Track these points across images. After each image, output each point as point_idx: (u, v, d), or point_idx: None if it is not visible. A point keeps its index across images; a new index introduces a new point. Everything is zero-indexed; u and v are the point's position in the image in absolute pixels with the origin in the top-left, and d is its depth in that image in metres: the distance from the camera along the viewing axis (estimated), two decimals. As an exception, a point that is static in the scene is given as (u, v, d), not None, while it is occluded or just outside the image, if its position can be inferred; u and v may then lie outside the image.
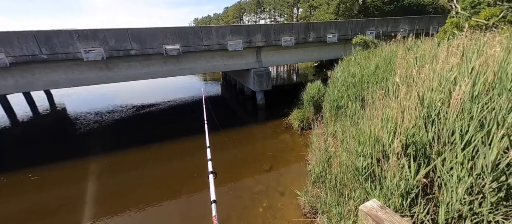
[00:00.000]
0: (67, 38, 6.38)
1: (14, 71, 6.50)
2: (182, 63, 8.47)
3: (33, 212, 4.49)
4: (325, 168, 3.96)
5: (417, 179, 2.10)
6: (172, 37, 7.52)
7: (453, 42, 4.20)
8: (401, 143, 2.32)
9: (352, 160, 2.98)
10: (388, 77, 4.15)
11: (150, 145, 7.03)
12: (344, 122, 4.73)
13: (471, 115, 2.04)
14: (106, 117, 10.16)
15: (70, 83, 7.27)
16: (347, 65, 7.22)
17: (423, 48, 5.18)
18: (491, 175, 1.72)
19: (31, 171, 5.75)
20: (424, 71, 2.84)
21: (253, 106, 10.61)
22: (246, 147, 6.80)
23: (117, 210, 4.37)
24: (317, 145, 4.94)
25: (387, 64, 4.99)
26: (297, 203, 4.13)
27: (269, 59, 10.07)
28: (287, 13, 43.84)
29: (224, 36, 8.30)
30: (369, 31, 11.21)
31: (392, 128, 2.61)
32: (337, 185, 3.32)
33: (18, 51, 6.06)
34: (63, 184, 5.38)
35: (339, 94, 5.88)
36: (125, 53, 7.08)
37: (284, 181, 4.87)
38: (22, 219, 4.34)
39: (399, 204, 2.24)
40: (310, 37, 9.95)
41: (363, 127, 2.99)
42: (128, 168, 5.87)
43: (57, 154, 6.75)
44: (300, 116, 7.39)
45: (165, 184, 5.12)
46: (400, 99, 2.71)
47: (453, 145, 2.03)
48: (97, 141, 7.81)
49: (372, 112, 3.32)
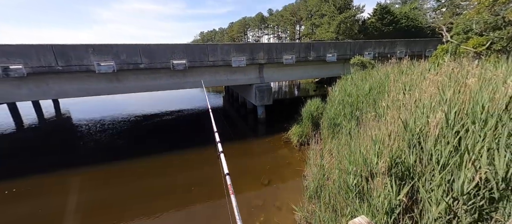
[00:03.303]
0: (83, 51, 6.84)
1: (29, 81, 6.90)
2: (187, 77, 8.87)
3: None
4: (320, 184, 4.13)
5: (399, 198, 2.29)
6: (180, 53, 7.98)
7: (442, 68, 4.52)
8: (386, 164, 2.54)
9: (343, 178, 3.18)
10: (380, 99, 4.43)
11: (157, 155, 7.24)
12: (340, 140, 4.95)
13: (447, 140, 2.28)
14: (110, 125, 10.45)
15: (80, 93, 7.64)
16: (345, 84, 7.55)
17: (416, 71, 5.51)
18: (462, 198, 1.92)
19: (30, 179, 5.95)
20: (409, 97, 3.12)
21: (254, 119, 10.88)
22: (245, 160, 6.97)
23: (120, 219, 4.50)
24: (314, 161, 5.13)
25: (380, 86, 5.29)
26: (293, 218, 4.25)
27: (271, 75, 10.48)
28: (290, 30, 45.43)
29: (229, 53, 8.77)
30: (367, 52, 11.70)
31: (379, 150, 2.84)
32: (331, 201, 3.48)
33: (36, 62, 6.49)
34: (70, 192, 5.54)
35: (336, 112, 6.15)
36: (134, 66, 7.51)
37: (282, 195, 5.00)
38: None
39: (385, 221, 2.42)
40: (311, 56, 10.42)
41: (354, 147, 3.22)
42: (129, 180, 6.05)
43: (58, 163, 6.96)
44: (299, 131, 7.61)
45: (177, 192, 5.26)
46: (387, 123, 2.96)
47: (432, 168, 2.25)
48: (101, 150, 8.04)
49: (364, 133, 3.57)
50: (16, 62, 6.30)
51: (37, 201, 5.16)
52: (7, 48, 6.25)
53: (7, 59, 6.21)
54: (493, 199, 1.98)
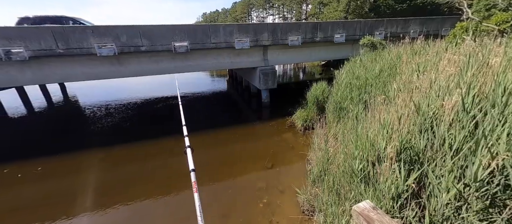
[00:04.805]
0: (82, 33, 6.68)
1: (32, 65, 6.88)
2: (190, 60, 8.68)
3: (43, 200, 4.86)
4: (324, 169, 4.09)
5: (408, 183, 2.21)
6: (181, 35, 7.72)
7: (461, 47, 4.20)
8: (395, 149, 2.43)
9: (349, 162, 3.11)
10: (391, 82, 4.20)
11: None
12: (346, 124, 4.83)
13: (462, 125, 2.12)
14: (116, 109, 10.58)
15: (83, 76, 7.62)
16: (353, 67, 7.23)
17: (431, 51, 5.16)
18: (475, 185, 1.82)
19: (41, 161, 6.17)
20: (424, 78, 2.91)
21: (258, 104, 10.77)
22: (249, 144, 6.99)
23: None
24: (318, 145, 5.06)
25: (391, 68, 5.01)
26: (296, 201, 4.30)
27: (276, 58, 10.14)
28: (296, 10, 43.30)
29: (232, 35, 8.43)
30: (378, 31, 11.05)
31: (388, 134, 2.72)
32: (335, 186, 3.46)
33: (36, 45, 6.41)
34: (74, 173, 5.75)
35: (342, 95, 5.95)
36: (135, 49, 7.35)
37: (285, 179, 5.03)
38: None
39: (390, 206, 2.37)
40: (317, 37, 9.93)
41: (361, 131, 3.10)
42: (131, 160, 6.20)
43: (67, 146, 7.16)
44: (304, 116, 7.49)
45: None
46: (397, 106, 2.80)
47: (444, 153, 2.13)
48: (109, 132, 8.21)
49: (372, 117, 3.42)
50: (17, 45, 6.24)
51: (47, 182, 5.39)
52: (7, 31, 6.16)
53: (8, 42, 6.15)
54: (508, 186, 1.88)
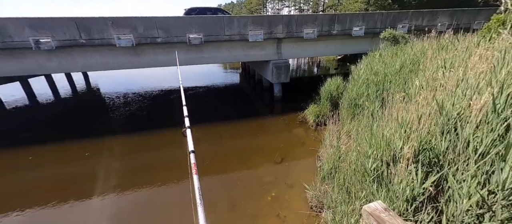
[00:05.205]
0: (102, 24, 6.96)
1: (58, 54, 7.32)
2: (204, 52, 8.75)
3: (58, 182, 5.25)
4: (335, 166, 4.00)
5: (425, 186, 2.09)
6: (196, 26, 7.78)
7: (496, 42, 3.81)
8: (413, 149, 2.30)
9: (361, 161, 3.00)
10: (412, 79, 3.94)
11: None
12: (360, 122, 4.65)
13: (491, 127, 1.94)
14: (133, 98, 11.05)
15: (103, 66, 7.99)
16: (371, 62, 6.88)
17: (460, 46, 4.75)
18: (502, 193, 1.67)
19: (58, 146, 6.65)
20: (450, 75, 2.69)
21: (270, 97, 10.69)
22: (259, 137, 7.00)
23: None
24: (330, 142, 4.95)
25: (414, 64, 4.69)
26: (304, 196, 4.27)
27: (290, 51, 9.91)
28: (313, 1, 41.76)
29: (246, 27, 8.34)
30: (401, 24, 10.36)
31: (406, 133, 2.57)
32: (345, 184, 3.37)
33: (62, 35, 6.79)
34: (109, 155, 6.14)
35: (358, 91, 5.71)
36: (152, 40, 7.54)
37: (294, 174, 5.00)
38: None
39: (404, 208, 2.27)
40: (334, 30, 9.53)
41: (376, 129, 2.96)
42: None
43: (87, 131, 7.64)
44: (316, 111, 7.33)
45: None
46: (418, 104, 2.62)
47: (467, 157, 1.98)
48: (126, 120, 8.63)
49: (389, 115, 3.25)
50: (45, 35, 6.65)
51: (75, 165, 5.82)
52: (37, 22, 6.56)
53: (37, 32, 6.57)
54: (541, 197, 1.70)
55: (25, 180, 5.23)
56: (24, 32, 6.48)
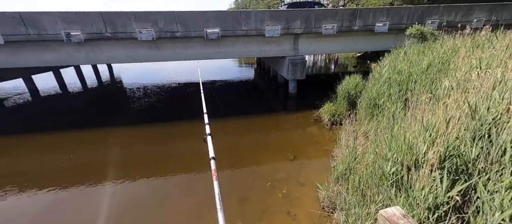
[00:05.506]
0: (126, 19, 7.28)
1: (86, 46, 7.80)
2: (220, 47, 8.82)
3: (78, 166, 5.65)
4: (350, 167, 3.87)
5: (450, 195, 1.95)
6: (213, 21, 7.84)
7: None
8: (438, 155, 2.14)
9: (379, 163, 2.86)
10: (441, 79, 3.65)
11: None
12: (379, 123, 4.44)
13: (535, 136, 1.74)
14: (152, 91, 11.53)
15: (126, 59, 8.39)
16: (394, 60, 6.49)
17: (498, 45, 4.29)
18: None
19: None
20: (486, 77, 2.45)
21: (285, 94, 10.56)
22: (272, 134, 6.97)
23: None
24: (346, 142, 4.79)
25: (443, 63, 4.33)
26: (316, 196, 4.20)
27: (307, 47, 9.65)
28: (333, -5, 40.01)
29: (263, 22, 8.25)
30: (431, 20, 9.59)
31: (431, 137, 2.40)
32: (360, 186, 3.26)
33: (90, 29, 7.22)
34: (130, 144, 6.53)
35: (379, 91, 5.43)
36: (171, 34, 7.75)
37: (306, 172, 4.93)
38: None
39: (425, 216, 2.14)
40: (356, 25, 9.09)
41: (398, 132, 2.80)
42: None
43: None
44: (332, 110, 7.11)
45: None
46: (447, 106, 2.42)
47: (502, 166, 1.80)
48: (145, 111, 9.06)
49: (413, 117, 3.05)
50: (75, 29, 7.11)
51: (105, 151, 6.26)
52: (68, 16, 7.03)
53: (68, 26, 7.04)
54: None
55: (60, 161, 5.73)
56: (57, 25, 6.98)
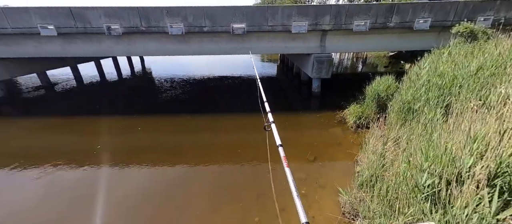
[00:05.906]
0: (159, 14, 7.70)
1: (123, 39, 8.47)
2: (246, 42, 8.86)
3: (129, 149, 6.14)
4: (376, 174, 3.62)
5: (500, 217, 1.69)
6: (240, 16, 7.89)
7: None
8: (488, 170, 1.88)
9: (412, 174, 2.62)
10: (494, 84, 3.18)
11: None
12: (414, 129, 4.06)
13: None
14: (178, 83, 12.13)
15: (157, 52, 8.92)
16: (436, 61, 5.85)
17: None
18: None
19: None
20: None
21: (308, 92, 10.26)
22: (292, 132, 6.84)
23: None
24: (373, 147, 4.49)
25: (498, 66, 3.76)
26: (336, 200, 4.03)
27: (335, 44, 9.20)
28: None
29: (289, 17, 8.05)
30: (484, 16, 8.39)
31: (479, 150, 2.11)
32: (388, 196, 3.03)
33: (127, 23, 7.80)
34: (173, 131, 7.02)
35: (415, 94, 4.96)
36: (199, 29, 8.00)
37: (327, 175, 4.75)
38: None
39: (465, 238, 1.90)
40: (391, 22, 8.36)
41: (437, 140, 2.52)
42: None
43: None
44: (358, 112, 6.71)
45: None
46: (501, 116, 2.10)
47: None
48: (172, 101, 9.58)
49: (457, 125, 2.72)
50: (115, 23, 7.74)
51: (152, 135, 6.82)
52: (110, 10, 7.68)
53: (109, 20, 7.69)
54: None
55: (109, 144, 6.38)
56: (100, 19, 7.67)
